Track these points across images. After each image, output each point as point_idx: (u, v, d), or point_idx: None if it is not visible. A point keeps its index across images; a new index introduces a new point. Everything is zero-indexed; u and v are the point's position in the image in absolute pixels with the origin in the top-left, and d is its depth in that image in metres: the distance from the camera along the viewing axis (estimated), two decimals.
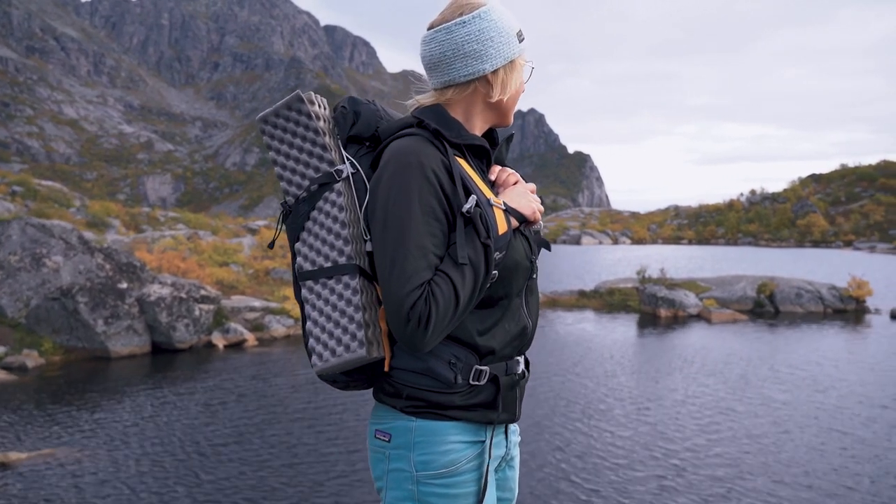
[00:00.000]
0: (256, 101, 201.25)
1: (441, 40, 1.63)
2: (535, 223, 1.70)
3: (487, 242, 1.51)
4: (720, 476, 6.69)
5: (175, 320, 13.07)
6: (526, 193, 1.69)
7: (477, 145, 1.68)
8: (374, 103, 1.77)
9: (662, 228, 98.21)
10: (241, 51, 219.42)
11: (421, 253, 1.47)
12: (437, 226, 1.51)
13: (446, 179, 1.54)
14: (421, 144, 1.56)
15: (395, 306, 1.45)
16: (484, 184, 1.64)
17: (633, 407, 9.25)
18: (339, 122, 1.70)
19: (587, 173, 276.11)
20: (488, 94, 1.67)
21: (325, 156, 1.63)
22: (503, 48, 1.63)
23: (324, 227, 1.60)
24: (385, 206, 1.51)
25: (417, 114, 1.67)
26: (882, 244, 68.55)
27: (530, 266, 1.69)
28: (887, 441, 7.89)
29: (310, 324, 1.60)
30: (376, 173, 1.58)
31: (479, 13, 1.62)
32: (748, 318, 18.36)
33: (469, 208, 1.51)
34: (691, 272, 29.19)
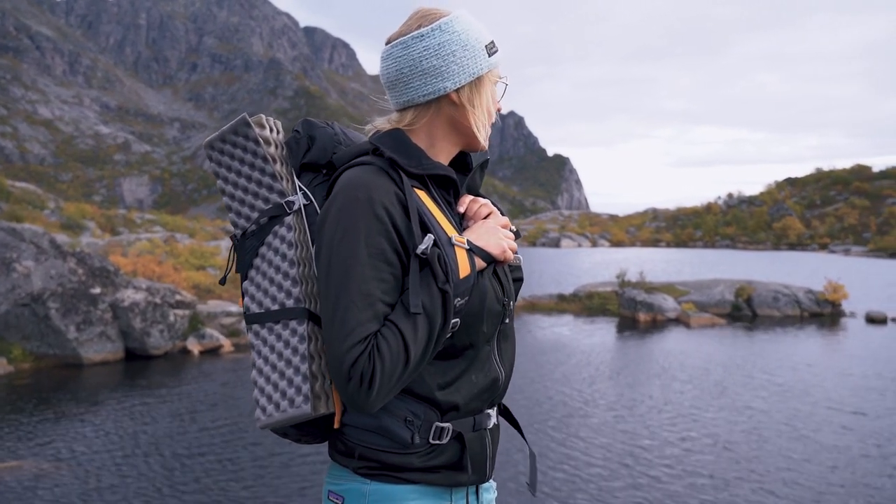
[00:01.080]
0: (235, 102, 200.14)
1: (397, 56, 1.46)
2: (505, 263, 1.51)
3: (445, 288, 1.33)
4: (698, 486, 6.66)
5: (149, 326, 12.87)
6: (495, 229, 1.49)
7: (441, 175, 1.48)
8: (331, 125, 1.62)
9: (641, 231, 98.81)
10: (220, 52, 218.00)
11: (366, 301, 1.30)
12: (388, 269, 1.34)
13: (400, 216, 1.36)
14: (372, 176, 1.38)
15: (336, 363, 1.29)
16: (448, 218, 1.46)
17: (610, 414, 9.22)
18: (291, 148, 1.54)
19: (566, 176, 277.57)
20: (453, 115, 1.49)
21: (275, 185, 1.47)
22: (468, 63, 1.44)
23: (272, 266, 1.45)
24: (329, 248, 1.35)
25: (375, 140, 1.49)
26: (856, 247, 69.44)
27: (502, 310, 1.51)
28: (861, 449, 7.91)
29: (254, 372, 1.46)
30: (322, 209, 1.41)
31: (438, 25, 1.44)
32: (726, 322, 18.45)
33: (424, 249, 1.33)
34: (670, 276, 29.33)
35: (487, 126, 1.54)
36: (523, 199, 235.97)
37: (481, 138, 1.53)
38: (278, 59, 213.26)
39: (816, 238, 79.75)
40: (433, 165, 1.47)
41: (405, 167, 1.43)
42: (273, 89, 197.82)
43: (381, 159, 1.44)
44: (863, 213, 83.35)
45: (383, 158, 1.44)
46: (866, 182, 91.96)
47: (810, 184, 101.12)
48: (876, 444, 8.03)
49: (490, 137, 1.60)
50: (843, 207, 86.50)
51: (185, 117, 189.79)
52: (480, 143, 1.54)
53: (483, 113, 1.51)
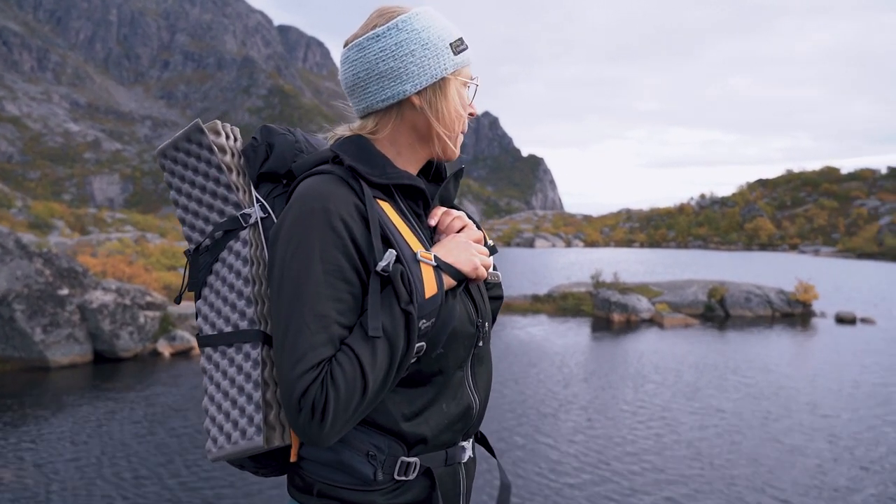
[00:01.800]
0: (208, 100, 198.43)
1: (353, 60, 1.36)
2: (478, 281, 1.39)
3: (408, 309, 1.20)
4: (668, 491, 6.65)
5: (119, 328, 12.64)
6: (467, 244, 1.36)
7: (408, 185, 1.36)
8: (293, 132, 1.50)
9: (615, 231, 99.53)
10: (193, 49, 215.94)
11: (320, 324, 1.18)
12: (345, 288, 1.22)
13: (360, 229, 1.24)
14: (330, 185, 1.27)
15: (285, 392, 1.17)
16: (415, 232, 1.34)
17: (583, 417, 9.20)
18: (248, 157, 1.43)
19: (540, 176, 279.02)
20: (417, 121, 1.37)
21: (230, 197, 1.36)
22: (429, 63, 1.31)
23: (226, 284, 1.34)
24: (281, 264, 1.23)
25: (335, 147, 1.37)
26: (825, 248, 70.47)
27: (475, 332, 1.38)
28: (829, 451, 7.96)
29: (206, 399, 1.35)
30: (277, 222, 1.30)
31: (395, 23, 1.32)
32: (699, 323, 18.57)
33: (385, 266, 1.21)
34: (643, 276, 29.51)
35: (457, 132, 1.41)
36: (498, 200, 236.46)
37: (451, 145, 1.41)
38: (252, 58, 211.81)
39: (787, 239, 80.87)
40: (399, 174, 1.35)
41: (367, 176, 1.31)
42: (247, 88, 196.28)
43: (341, 168, 1.33)
44: (831, 214, 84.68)
45: (343, 167, 1.33)
46: (835, 184, 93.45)
47: (781, 185, 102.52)
48: (847, 447, 8.09)
49: (465, 138, 1.48)
50: (813, 208, 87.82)
51: (156, 115, 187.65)
52: (451, 150, 1.42)
53: (450, 117, 1.37)
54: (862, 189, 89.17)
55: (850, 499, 6.47)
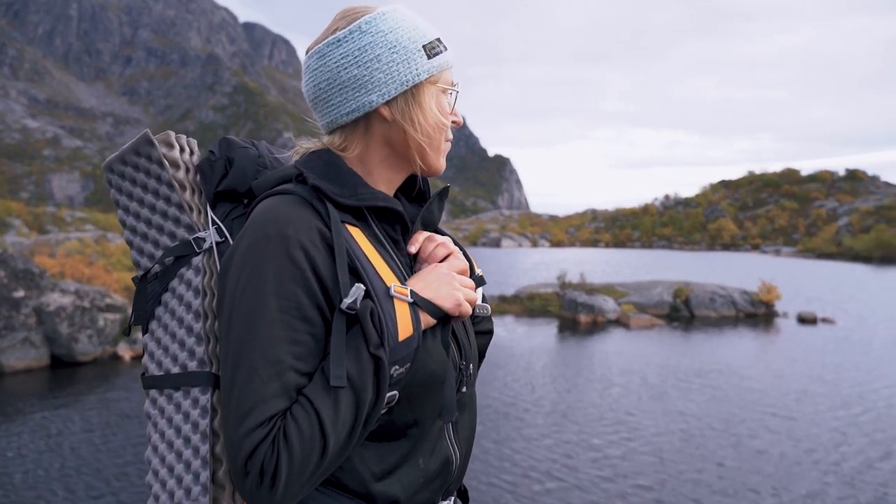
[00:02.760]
0: (172, 97, 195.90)
1: (314, 69, 1.20)
2: (461, 318, 1.21)
3: (378, 353, 1.04)
4: (633, 497, 6.63)
5: (77, 331, 12.32)
6: (449, 276, 1.18)
7: (382, 208, 1.19)
8: (255, 145, 1.33)
9: (580, 231, 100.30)
10: (156, 45, 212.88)
11: (272, 371, 1.01)
12: (304, 328, 1.05)
13: (323, 260, 1.07)
14: (291, 208, 1.10)
15: (231, 452, 1.02)
16: (391, 262, 1.17)
17: (549, 421, 9.17)
18: (204, 173, 1.25)
19: (507, 176, 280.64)
20: (389, 134, 1.20)
21: (182, 218, 1.21)
22: (398, 69, 1.15)
23: (175, 317, 1.19)
24: (231, 300, 1.06)
25: (300, 163, 1.20)
26: (786, 248, 71.78)
27: (458, 376, 1.22)
28: (792, 454, 8.02)
29: (149, 450, 1.18)
30: (229, 249, 1.12)
31: (358, 25, 1.16)
32: (665, 323, 18.71)
33: (351, 303, 1.04)
34: (609, 277, 29.70)
35: (439, 143, 1.23)
36: (464, 199, 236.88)
37: (433, 158, 1.23)
38: (216, 55, 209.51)
39: (749, 239, 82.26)
40: (372, 195, 1.18)
41: (334, 197, 1.14)
42: (211, 85, 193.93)
43: (305, 187, 1.16)
44: (792, 214, 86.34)
45: (308, 186, 1.16)
46: (795, 185, 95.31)
47: (743, 186, 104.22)
48: (808, 448, 8.16)
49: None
50: (774, 209, 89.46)
51: (118, 112, 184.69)
52: (433, 164, 1.24)
53: (428, 128, 1.19)
54: (821, 191, 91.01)
55: (814, 502, 6.51)
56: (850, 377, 12.05)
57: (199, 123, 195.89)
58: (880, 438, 8.43)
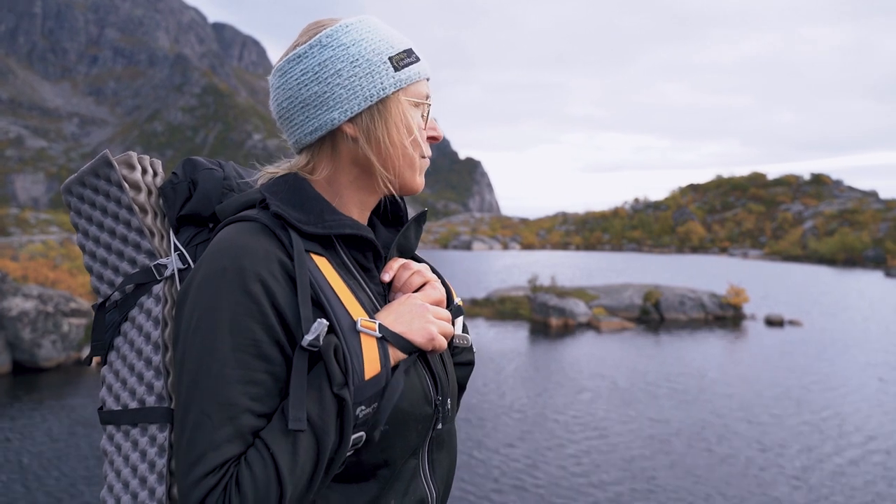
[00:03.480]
0: (140, 97, 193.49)
1: (277, 87, 1.14)
2: (435, 352, 1.14)
3: (342, 394, 0.97)
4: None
5: (40, 337, 12.06)
6: (422, 308, 1.11)
7: (350, 235, 1.12)
8: (222, 167, 1.25)
9: (551, 234, 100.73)
10: (123, 45, 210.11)
11: (225, 414, 0.95)
12: (262, 367, 0.98)
13: (284, 293, 1.00)
14: (250, 237, 1.03)
15: (181, 499, 0.96)
16: (360, 293, 1.10)
17: (519, 428, 9.16)
18: (167, 196, 1.19)
19: (478, 179, 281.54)
20: (356, 153, 1.12)
21: (142, 243, 1.15)
22: (361, 83, 1.09)
23: (134, 348, 1.13)
24: (185, 337, 1.00)
25: (265, 188, 1.13)
26: (753, 251, 72.76)
27: (433, 412, 1.13)
28: (760, 458, 8.08)
29: (105, 490, 1.11)
30: (185, 281, 1.06)
31: (318, 39, 1.10)
32: (635, 326, 18.83)
33: (313, 339, 0.96)
34: (580, 280, 29.84)
35: (410, 160, 1.14)
36: (435, 202, 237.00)
37: (406, 178, 1.15)
38: (185, 55, 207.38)
39: (717, 242, 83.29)
40: (340, 222, 1.10)
41: (298, 225, 1.07)
42: (180, 86, 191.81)
43: (269, 214, 1.09)
44: (759, 218, 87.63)
45: (271, 213, 1.09)
46: (762, 189, 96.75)
47: (711, 190, 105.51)
48: (776, 454, 8.24)
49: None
50: (741, 213, 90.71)
51: (84, 112, 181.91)
52: (409, 182, 1.17)
53: (397, 145, 1.12)
54: (787, 194, 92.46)
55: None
56: (817, 381, 12.21)
57: (167, 125, 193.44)
58: (844, 445, 8.52)
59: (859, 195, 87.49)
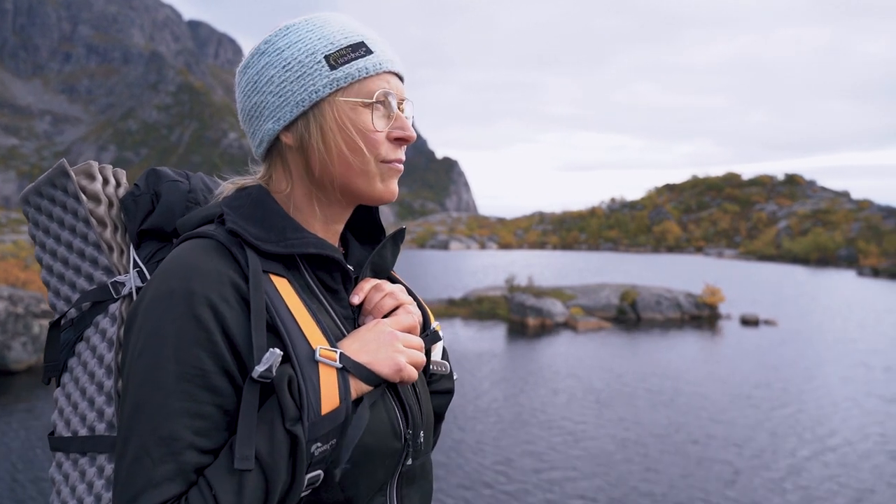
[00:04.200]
0: (114, 96, 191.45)
1: (236, 100, 1.10)
2: (405, 383, 1.04)
3: (294, 430, 0.88)
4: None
5: (10, 339, 11.83)
6: (391, 336, 1.01)
7: (314, 254, 1.03)
8: (188, 178, 1.18)
9: (528, 234, 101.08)
10: (97, 42, 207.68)
11: (166, 450, 0.86)
12: (209, 399, 0.89)
13: (236, 318, 0.92)
14: (203, 256, 0.95)
15: None
16: (319, 320, 0.98)
17: (494, 430, 9.12)
18: (127, 209, 1.12)
19: (455, 178, 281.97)
20: (301, 163, 1.04)
21: (100, 259, 1.08)
22: (291, 88, 1.00)
23: (87, 371, 1.05)
24: (129, 365, 0.92)
25: (226, 201, 1.05)
26: (729, 250, 73.50)
27: (402, 447, 1.03)
28: (735, 461, 8.11)
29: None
30: (133, 304, 0.99)
31: (258, 47, 1.05)
32: (612, 326, 18.88)
33: (265, 370, 0.88)
34: (557, 279, 29.92)
35: (363, 167, 1.03)
36: (412, 201, 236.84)
37: (361, 187, 1.04)
38: (160, 53, 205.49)
39: (693, 241, 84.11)
40: (302, 240, 1.02)
41: (255, 243, 0.98)
42: (154, 84, 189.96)
43: (224, 229, 1.02)
44: (734, 217, 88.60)
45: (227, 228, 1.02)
46: (737, 189, 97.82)
47: (687, 190, 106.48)
48: (749, 456, 8.27)
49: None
50: (717, 212, 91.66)
51: (57, 110, 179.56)
52: (365, 192, 1.06)
53: (337, 151, 1.01)
54: (761, 194, 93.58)
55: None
56: (792, 382, 12.31)
57: (142, 123, 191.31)
58: (819, 449, 8.56)
59: (832, 195, 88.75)
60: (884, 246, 54.64)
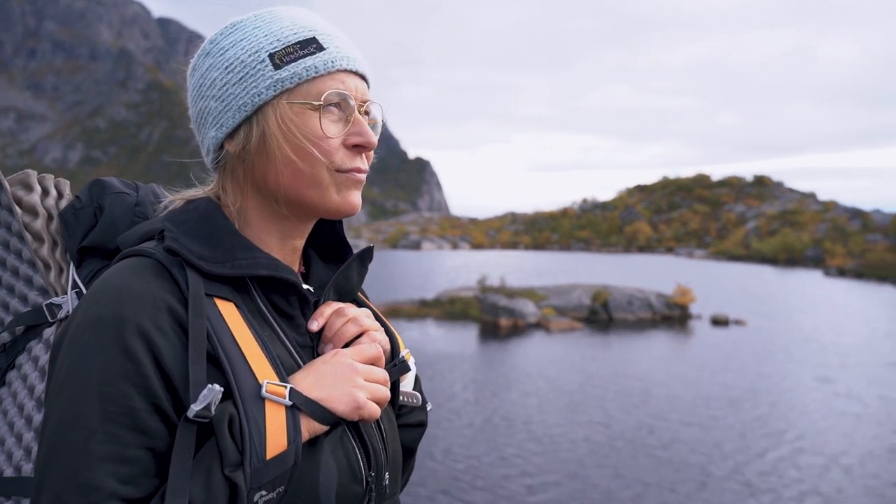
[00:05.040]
0: (81, 93, 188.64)
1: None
2: (365, 422, 0.92)
3: (234, 478, 0.76)
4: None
5: None
6: (350, 369, 0.89)
7: (268, 277, 0.91)
8: (137, 189, 1.06)
9: (500, 234, 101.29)
10: (63, 38, 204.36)
11: (83, 500, 0.74)
12: (137, 441, 0.77)
13: (172, 349, 0.80)
14: (137, 278, 0.83)
15: None
16: (269, 349, 0.86)
17: (465, 435, 8.97)
18: (67, 224, 1.01)
19: (427, 178, 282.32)
20: (250, 174, 0.92)
21: (35, 278, 0.98)
22: (233, 91, 0.89)
23: (16, 403, 0.95)
24: (51, 398, 0.80)
25: (169, 215, 0.93)
26: (699, 250, 74.20)
27: (363, 492, 0.90)
28: (705, 464, 8.04)
29: None
30: (60, 329, 0.90)
31: (204, 47, 0.94)
32: (584, 327, 18.83)
33: (201, 409, 0.77)
34: (529, 280, 29.87)
35: (313, 176, 0.90)
36: (384, 201, 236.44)
37: (312, 198, 0.92)
38: (129, 50, 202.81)
39: (663, 241, 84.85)
40: (253, 261, 0.89)
41: (198, 263, 0.86)
42: (123, 81, 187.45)
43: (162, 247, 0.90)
44: (704, 218, 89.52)
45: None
46: (707, 189, 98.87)
47: (657, 190, 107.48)
48: (722, 458, 8.20)
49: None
50: (687, 213, 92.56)
51: (22, 107, 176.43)
52: (318, 204, 0.93)
53: (281, 160, 0.89)
54: (731, 195, 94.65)
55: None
56: (761, 383, 12.31)
57: (110, 121, 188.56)
58: (789, 451, 8.52)
59: (799, 196, 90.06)
60: (849, 247, 55.53)
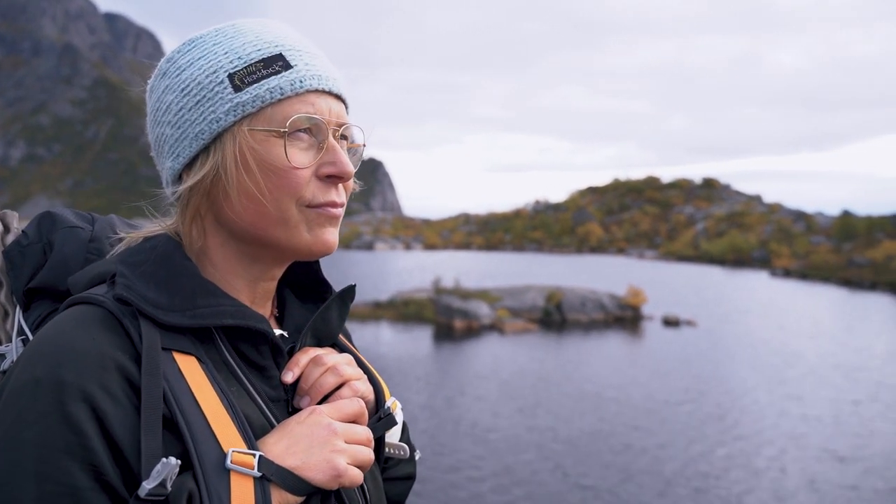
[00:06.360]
0: (23, 89, 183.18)
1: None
2: (349, 487, 0.81)
3: None
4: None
5: None
6: (328, 431, 0.78)
7: (234, 327, 0.80)
8: (95, 221, 0.93)
9: (454, 235, 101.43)
10: (4, 31, 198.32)
11: None
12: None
13: (122, 416, 0.69)
14: (81, 332, 0.73)
15: None
16: (235, 409, 0.75)
17: (423, 439, 8.86)
18: (13, 263, 0.88)
19: (380, 179, 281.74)
20: (210, 209, 0.82)
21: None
22: (189, 117, 0.79)
23: None
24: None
25: (121, 256, 0.83)
26: (649, 251, 75.33)
27: None
28: (658, 472, 8.06)
29: None
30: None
31: (160, 65, 0.85)
32: (538, 328, 18.87)
33: (154, 488, 0.66)
34: (483, 281, 29.88)
35: (279, 213, 0.79)
36: None
37: (279, 236, 0.81)
38: (74, 45, 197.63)
39: (615, 242, 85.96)
40: (217, 309, 0.79)
41: (153, 313, 0.76)
42: (68, 77, 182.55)
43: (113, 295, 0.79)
44: (654, 219, 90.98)
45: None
46: (657, 191, 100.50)
47: (609, 192, 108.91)
48: (669, 459, 8.23)
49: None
50: (637, 214, 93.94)
51: None
52: (286, 244, 0.82)
53: (241, 195, 0.79)
54: (680, 197, 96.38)
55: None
56: (712, 384, 12.45)
57: (54, 118, 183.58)
58: (735, 453, 8.59)
59: (745, 199, 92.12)
60: (794, 248, 56.92)
